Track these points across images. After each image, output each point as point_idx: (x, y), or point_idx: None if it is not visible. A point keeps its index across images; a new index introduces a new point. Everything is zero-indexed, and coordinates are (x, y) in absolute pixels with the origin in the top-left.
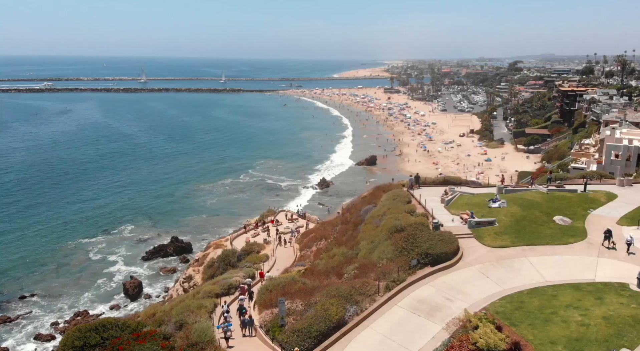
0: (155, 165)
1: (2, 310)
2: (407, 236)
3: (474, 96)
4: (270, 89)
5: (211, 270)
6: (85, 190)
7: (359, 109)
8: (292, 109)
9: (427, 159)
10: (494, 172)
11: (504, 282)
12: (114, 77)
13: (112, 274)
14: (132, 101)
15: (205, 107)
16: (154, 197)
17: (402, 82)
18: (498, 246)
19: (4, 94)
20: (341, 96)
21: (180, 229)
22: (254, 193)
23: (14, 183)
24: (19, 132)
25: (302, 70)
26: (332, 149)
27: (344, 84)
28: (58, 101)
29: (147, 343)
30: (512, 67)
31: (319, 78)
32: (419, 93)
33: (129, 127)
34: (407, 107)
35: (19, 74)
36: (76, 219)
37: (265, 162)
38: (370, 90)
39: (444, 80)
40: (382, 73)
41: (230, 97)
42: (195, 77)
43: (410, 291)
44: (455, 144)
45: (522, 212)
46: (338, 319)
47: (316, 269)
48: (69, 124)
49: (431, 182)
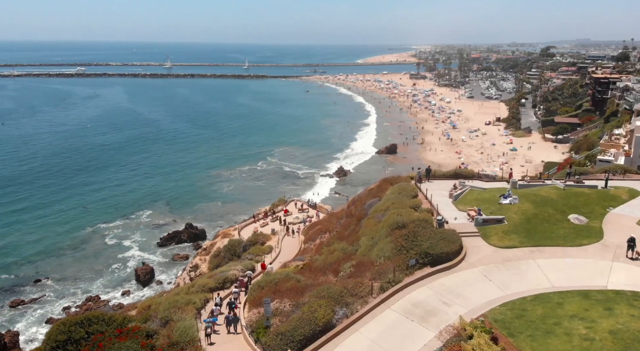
0: (178, 151)
1: (16, 293)
2: (408, 234)
3: (503, 83)
4: (294, 75)
5: (217, 260)
6: (108, 175)
7: (383, 95)
8: (315, 96)
9: (449, 148)
10: (519, 163)
11: (507, 286)
12: (142, 63)
13: (127, 259)
14: (158, 86)
15: (229, 93)
16: (174, 183)
17: (429, 67)
18: (505, 247)
19: (35, 79)
20: (365, 82)
21: (195, 216)
22: (271, 180)
23: (39, 167)
24: (47, 117)
25: (327, 55)
26: (352, 136)
27: (368, 70)
28: (86, 86)
29: (127, 341)
30: (545, 53)
31: (343, 64)
32: (445, 79)
33: (154, 113)
34: (432, 93)
35: (50, 59)
36: (96, 204)
37: (284, 150)
38: (396, 76)
39: (473, 66)
40: (409, 58)
41: (254, 83)
42: (221, 63)
43: (405, 293)
44: (480, 133)
45: (534, 209)
46: (325, 322)
47: (314, 265)
48: (96, 109)
49: (441, 175)
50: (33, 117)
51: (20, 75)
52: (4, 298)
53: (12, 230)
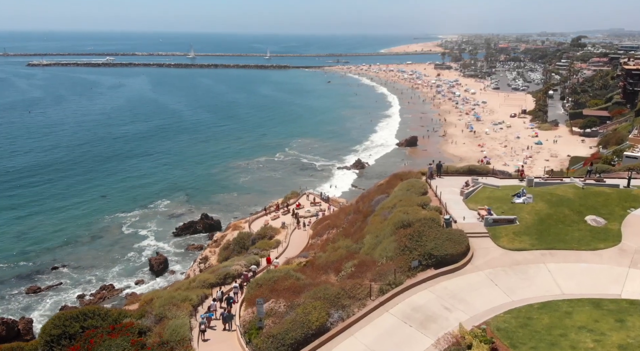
0: (198, 141)
1: (33, 280)
2: (413, 233)
3: (531, 74)
4: (316, 66)
5: (226, 252)
6: (129, 165)
7: (406, 86)
8: (336, 86)
9: (472, 141)
10: (544, 157)
11: (513, 292)
12: (167, 53)
13: (142, 248)
14: (182, 76)
15: (251, 84)
16: (193, 173)
17: (455, 57)
18: (514, 249)
19: (63, 68)
20: (388, 72)
21: (211, 206)
22: (287, 172)
23: (63, 156)
24: (73, 106)
25: (351, 45)
26: (372, 128)
27: (392, 60)
28: (112, 75)
29: (118, 338)
30: (575, 43)
31: (366, 54)
32: (471, 70)
33: (177, 103)
34: (457, 84)
35: (80, 48)
36: (116, 193)
37: (302, 141)
38: (420, 66)
39: (500, 56)
40: (435, 48)
41: (276, 73)
42: (244, 54)
43: (406, 296)
44: (504, 125)
45: (548, 209)
46: (318, 325)
47: (317, 263)
48: (120, 98)
49: (454, 171)
50: (59, 106)
51: (49, 64)
52: (21, 285)
53: (33, 218)
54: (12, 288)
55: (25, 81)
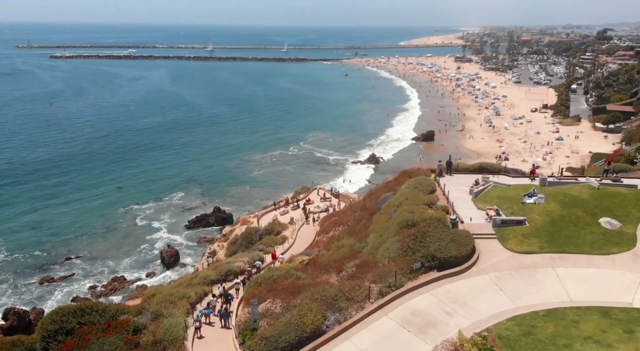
0: (215, 134)
1: (47, 270)
2: (417, 234)
3: (554, 67)
4: (334, 58)
5: (234, 247)
6: (146, 157)
7: (424, 79)
8: (354, 79)
9: (491, 136)
10: (564, 153)
11: (519, 297)
12: (187, 45)
13: (154, 241)
14: (201, 69)
15: (268, 77)
16: (207, 166)
17: (476, 50)
18: (522, 252)
19: (85, 60)
20: (407, 65)
21: (224, 199)
22: (300, 166)
23: (82, 148)
24: (93, 98)
25: (370, 38)
26: (388, 122)
27: (412, 52)
28: (133, 67)
29: (112, 336)
30: (601, 36)
31: (385, 46)
32: (492, 63)
33: (195, 96)
34: (477, 77)
35: (102, 41)
36: (132, 185)
37: (317, 135)
38: (440, 59)
39: (522, 49)
40: (456, 41)
41: (294, 66)
42: (262, 46)
43: (406, 299)
44: (525, 120)
45: (561, 211)
46: (313, 328)
47: (319, 261)
48: (140, 91)
49: (465, 168)
50: (80, 98)
51: (71, 56)
52: (35, 275)
53: (50, 209)
54: (26, 278)
55: (48, 72)
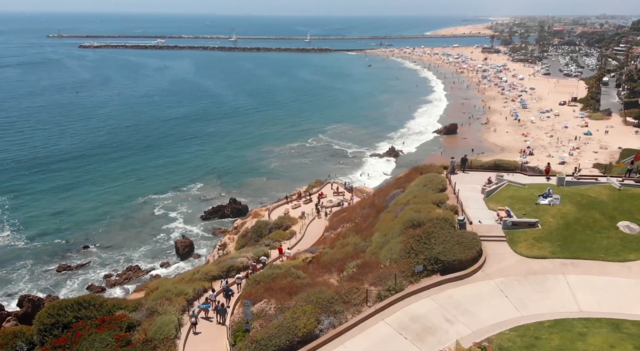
0: (236, 125)
1: (65, 258)
2: (421, 235)
3: (585, 59)
4: (358, 49)
5: (244, 240)
6: (167, 147)
7: (450, 70)
8: (377, 70)
9: (516, 130)
10: (592, 148)
11: (525, 306)
12: (212, 36)
13: (171, 230)
14: (225, 59)
15: (291, 68)
16: (227, 157)
17: (505, 41)
18: (532, 256)
19: (113, 50)
20: (432, 56)
21: (241, 190)
22: (318, 158)
23: (105, 137)
24: (118, 88)
25: (396, 27)
26: (410, 114)
27: (438, 43)
28: (158, 58)
29: (104, 332)
30: (636, 26)
31: (411, 36)
32: (520, 54)
33: (217, 87)
34: (504, 69)
35: (130, 31)
36: (152, 175)
37: (336, 127)
38: (467, 49)
39: (553, 39)
40: (484, 31)
41: (317, 57)
42: (286, 37)
43: (405, 304)
44: (552, 114)
45: (576, 213)
46: (306, 332)
47: (321, 260)
48: (164, 81)
49: (479, 166)
50: (106, 88)
51: (100, 46)
52: (53, 262)
53: (72, 197)
54: (44, 265)
55: (76, 62)
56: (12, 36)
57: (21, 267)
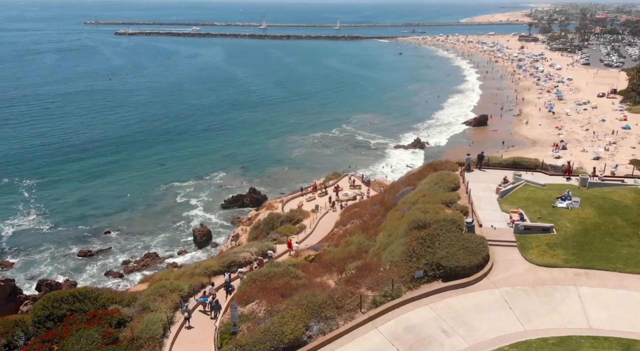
0: (262, 114)
1: (86, 243)
2: (426, 237)
3: (628, 48)
4: (389, 36)
5: (256, 232)
6: (193, 135)
7: (484, 59)
8: (408, 58)
9: (549, 122)
10: (630, 143)
11: (530, 319)
12: (243, 23)
13: (191, 218)
14: (255, 47)
15: (320, 56)
16: (251, 145)
17: (543, 29)
18: (544, 264)
19: (147, 37)
20: (466, 44)
21: (262, 180)
22: (340, 149)
23: (134, 125)
24: (150, 75)
25: (430, 14)
26: (439, 105)
27: (473, 30)
28: (190, 45)
29: (92, 328)
30: None
31: (445, 23)
32: (559, 42)
33: (246, 75)
34: (541, 58)
35: (164, 18)
36: (176, 162)
37: (361, 117)
38: (503, 37)
39: (595, 28)
40: (522, 18)
41: (347, 44)
42: (317, 24)
43: (401, 311)
44: (589, 106)
45: (596, 218)
46: (292, 339)
47: (323, 258)
48: (194, 69)
49: (497, 163)
50: (138, 75)
51: (134, 33)
52: (75, 247)
53: (97, 184)
54: (65, 250)
55: (111, 49)
56: (52, 23)
57: (44, 250)
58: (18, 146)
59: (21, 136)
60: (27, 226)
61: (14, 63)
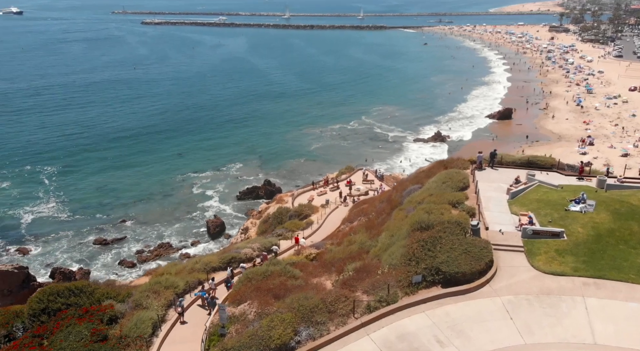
0: (284, 105)
1: (102, 231)
2: (427, 240)
3: None
4: (415, 26)
5: (265, 226)
6: (212, 126)
7: (512, 50)
8: (432, 49)
9: (577, 117)
10: None
11: (531, 332)
12: (267, 13)
13: (206, 209)
14: (278, 37)
15: (343, 46)
16: (268, 137)
17: (575, 19)
18: (551, 272)
19: (172, 27)
20: (494, 34)
21: (278, 172)
22: (356, 142)
23: (155, 115)
24: (173, 65)
25: (457, 4)
26: (462, 97)
27: (502, 20)
28: (215, 35)
29: (82, 325)
30: None
31: (473, 13)
32: (591, 33)
33: (267, 66)
34: (572, 50)
35: (191, 8)
36: (194, 153)
37: (382, 109)
38: (532, 28)
39: (629, 19)
40: (554, 8)
41: (371, 34)
42: (341, 14)
43: (396, 318)
44: (620, 100)
45: (611, 223)
46: (279, 344)
47: (324, 257)
48: (218, 59)
49: (510, 162)
50: (162, 64)
51: (160, 23)
52: (91, 235)
53: (116, 173)
54: (81, 238)
55: (137, 38)
56: (82, 12)
57: (61, 238)
58: (42, 134)
59: (45, 125)
60: (46, 213)
61: (41, 52)
